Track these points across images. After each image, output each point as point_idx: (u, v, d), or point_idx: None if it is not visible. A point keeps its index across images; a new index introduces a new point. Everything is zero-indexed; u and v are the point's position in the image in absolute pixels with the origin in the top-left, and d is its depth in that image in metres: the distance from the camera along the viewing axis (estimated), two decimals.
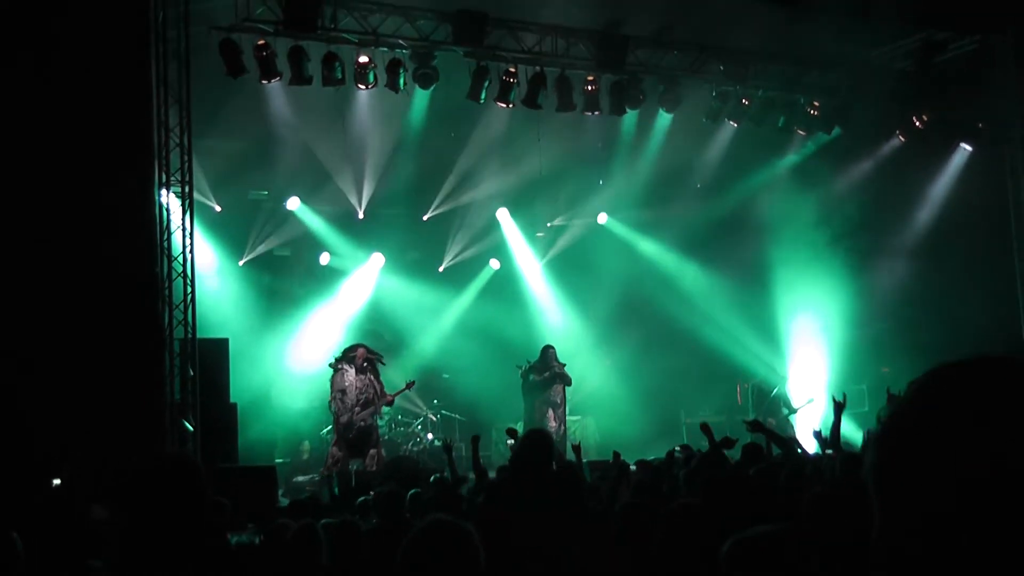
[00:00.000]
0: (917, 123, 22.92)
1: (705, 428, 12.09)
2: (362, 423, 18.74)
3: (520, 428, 19.14)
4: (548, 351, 20.47)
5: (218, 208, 22.40)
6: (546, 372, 20.18)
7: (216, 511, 8.65)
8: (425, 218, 25.15)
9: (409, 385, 20.18)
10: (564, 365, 20.46)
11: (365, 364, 19.14)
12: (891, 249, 24.15)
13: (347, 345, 19.96)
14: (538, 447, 8.03)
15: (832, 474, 9.49)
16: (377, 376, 19.37)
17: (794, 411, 22.20)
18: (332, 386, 19.01)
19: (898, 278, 23.64)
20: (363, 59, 18.82)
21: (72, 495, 10.29)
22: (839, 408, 12.38)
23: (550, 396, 20.12)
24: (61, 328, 13.78)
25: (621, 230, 26.36)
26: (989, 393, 1.68)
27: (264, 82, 18.34)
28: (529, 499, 7.48)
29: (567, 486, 7.86)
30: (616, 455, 12.06)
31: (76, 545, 7.66)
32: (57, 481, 12.27)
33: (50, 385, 13.51)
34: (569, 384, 20.48)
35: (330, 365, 19.25)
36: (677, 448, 13.28)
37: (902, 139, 23.13)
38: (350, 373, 18.92)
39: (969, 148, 23.51)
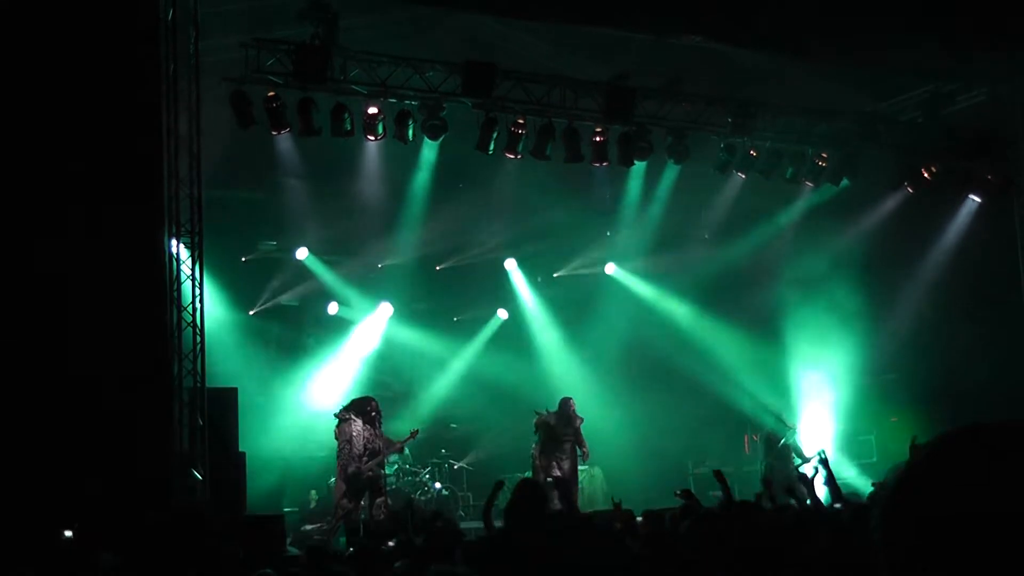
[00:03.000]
0: (925, 174, 22.87)
1: (719, 476, 11.97)
2: (370, 473, 18.71)
3: (528, 476, 19.13)
4: (567, 404, 20.35)
5: (231, 259, 22.51)
6: (564, 433, 20.03)
7: (228, 560, 8.66)
8: (438, 268, 25.27)
9: (413, 434, 20.10)
10: (582, 420, 20.34)
11: (374, 415, 19.13)
12: (900, 299, 24.10)
13: (355, 396, 19.97)
14: (528, 498, 8.02)
15: (840, 525, 9.47)
16: (378, 426, 19.38)
17: (806, 460, 22.08)
18: (338, 436, 18.99)
19: (907, 329, 23.58)
20: (372, 110, 18.85)
21: (84, 545, 10.27)
22: (825, 464, 12.30)
23: (557, 445, 20.00)
24: (70, 377, 13.79)
25: (629, 280, 26.40)
26: (999, 460, 1.69)
27: (274, 133, 18.43)
28: (525, 550, 7.47)
29: (565, 535, 7.86)
30: (617, 505, 12.00)
31: None
32: (69, 533, 12.25)
33: (59, 434, 13.52)
34: (582, 446, 20.32)
35: (336, 415, 19.23)
36: (677, 491, 13.18)
37: (910, 190, 23.09)
38: (357, 424, 18.89)
39: (978, 199, 23.48)
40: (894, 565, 1.71)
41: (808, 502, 12.85)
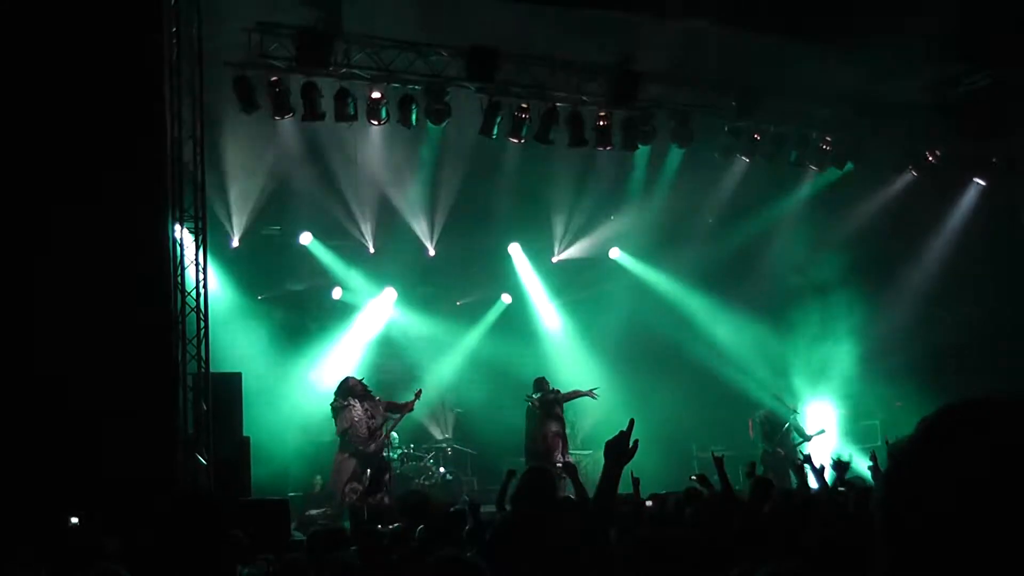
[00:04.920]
0: (930, 158, 22.88)
1: (718, 462, 11.88)
2: (382, 452, 18.83)
3: (526, 458, 19.15)
4: (541, 382, 20.57)
5: (234, 243, 22.48)
6: (553, 408, 20.15)
7: (230, 544, 8.67)
8: (432, 253, 25.10)
9: (418, 394, 19.96)
10: (557, 391, 20.54)
11: (363, 390, 19.19)
12: (904, 283, 24.09)
13: (340, 383, 19.92)
14: (539, 483, 8.00)
15: (845, 511, 9.49)
16: (373, 398, 19.40)
17: (808, 439, 22.11)
18: (340, 424, 18.99)
19: (912, 312, 23.56)
20: (375, 95, 18.85)
21: (89, 531, 10.28)
22: (842, 468, 11.83)
23: (557, 427, 20.09)
24: (74, 362, 13.79)
25: (632, 264, 26.36)
26: (997, 432, 1.69)
27: (277, 118, 18.41)
28: (535, 535, 7.46)
29: (572, 521, 7.84)
30: (635, 482, 11.92)
31: None
32: (75, 520, 12.27)
33: (63, 419, 13.53)
34: (562, 400, 20.47)
35: (332, 405, 19.24)
36: (693, 476, 13.17)
37: (915, 174, 23.09)
38: (356, 407, 18.93)
39: (982, 183, 23.47)
40: (895, 544, 1.72)
41: (815, 484, 12.85)
